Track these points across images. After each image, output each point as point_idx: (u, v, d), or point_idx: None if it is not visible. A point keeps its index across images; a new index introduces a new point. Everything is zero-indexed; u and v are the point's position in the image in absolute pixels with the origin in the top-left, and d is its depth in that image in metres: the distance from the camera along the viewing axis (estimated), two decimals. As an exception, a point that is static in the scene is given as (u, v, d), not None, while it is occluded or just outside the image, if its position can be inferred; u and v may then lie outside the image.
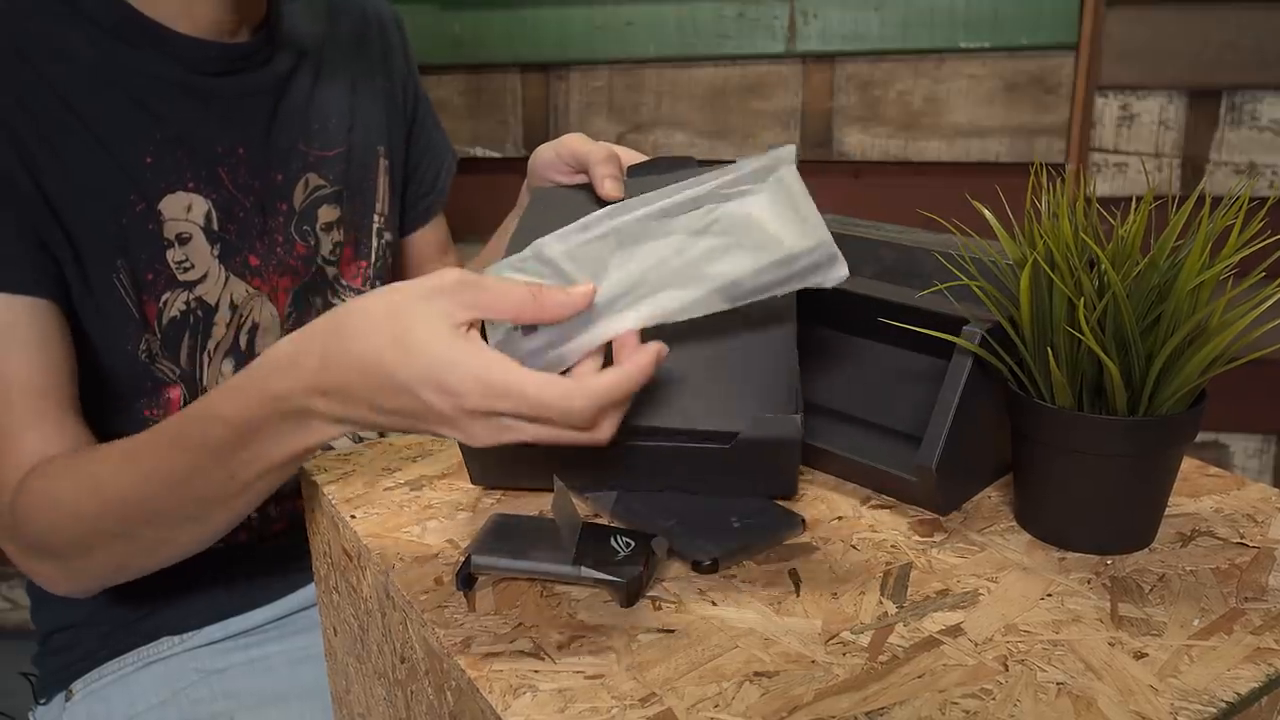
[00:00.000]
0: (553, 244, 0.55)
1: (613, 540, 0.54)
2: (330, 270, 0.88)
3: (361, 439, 0.91)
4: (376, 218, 0.92)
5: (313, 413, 0.55)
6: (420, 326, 0.49)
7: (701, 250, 0.54)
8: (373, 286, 0.93)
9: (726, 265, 0.54)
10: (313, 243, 0.86)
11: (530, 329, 0.53)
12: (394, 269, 0.97)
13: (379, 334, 0.50)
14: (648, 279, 0.54)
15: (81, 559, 0.68)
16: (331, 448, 0.88)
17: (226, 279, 0.80)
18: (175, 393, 0.79)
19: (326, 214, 0.86)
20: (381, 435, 0.92)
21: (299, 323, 0.87)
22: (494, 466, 0.63)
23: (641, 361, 0.50)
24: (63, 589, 0.73)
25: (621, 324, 0.53)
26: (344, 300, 0.90)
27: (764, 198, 0.55)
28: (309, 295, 0.87)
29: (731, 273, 0.53)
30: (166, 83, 0.76)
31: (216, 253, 0.79)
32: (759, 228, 0.54)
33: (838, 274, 0.53)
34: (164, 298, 0.77)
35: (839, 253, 0.53)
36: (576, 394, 0.48)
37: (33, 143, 0.70)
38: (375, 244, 0.92)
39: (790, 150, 0.56)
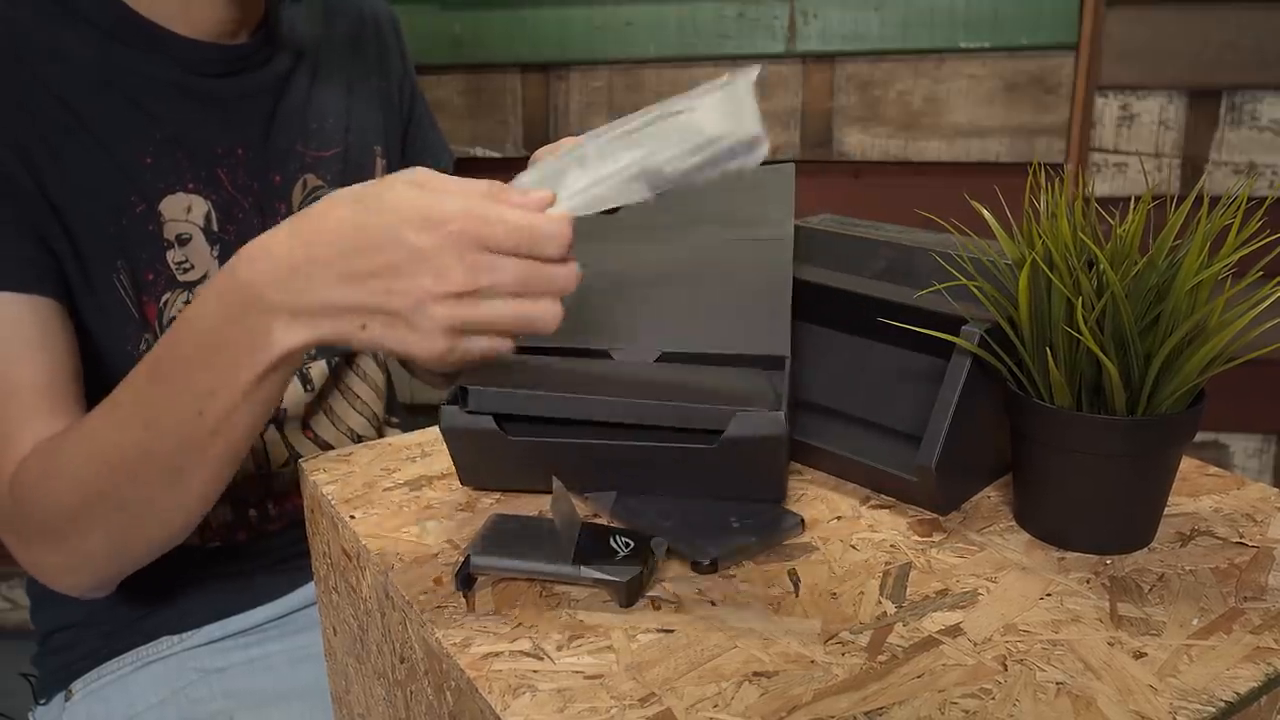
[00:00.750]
0: (522, 177, 0.54)
1: (612, 540, 0.54)
2: None
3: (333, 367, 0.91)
4: None
5: (270, 306, 0.52)
6: (389, 184, 0.51)
7: (630, 142, 0.53)
8: None
9: (646, 152, 0.52)
10: None
11: None
12: None
13: (349, 199, 0.51)
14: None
15: (81, 537, 0.66)
16: (330, 446, 0.88)
17: None
18: None
19: None
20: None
21: None
22: (484, 467, 0.63)
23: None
24: (68, 584, 0.71)
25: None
26: None
27: (708, 101, 0.54)
28: None
29: (651, 158, 0.52)
30: (165, 84, 0.76)
31: (216, 254, 0.79)
32: (693, 127, 0.53)
33: (757, 155, 0.51)
34: (164, 298, 0.77)
35: (762, 135, 0.51)
36: (560, 219, 0.50)
37: (32, 144, 0.70)
38: None
39: (752, 71, 0.55)
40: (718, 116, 0.52)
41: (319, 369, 0.88)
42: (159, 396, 0.59)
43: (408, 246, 0.49)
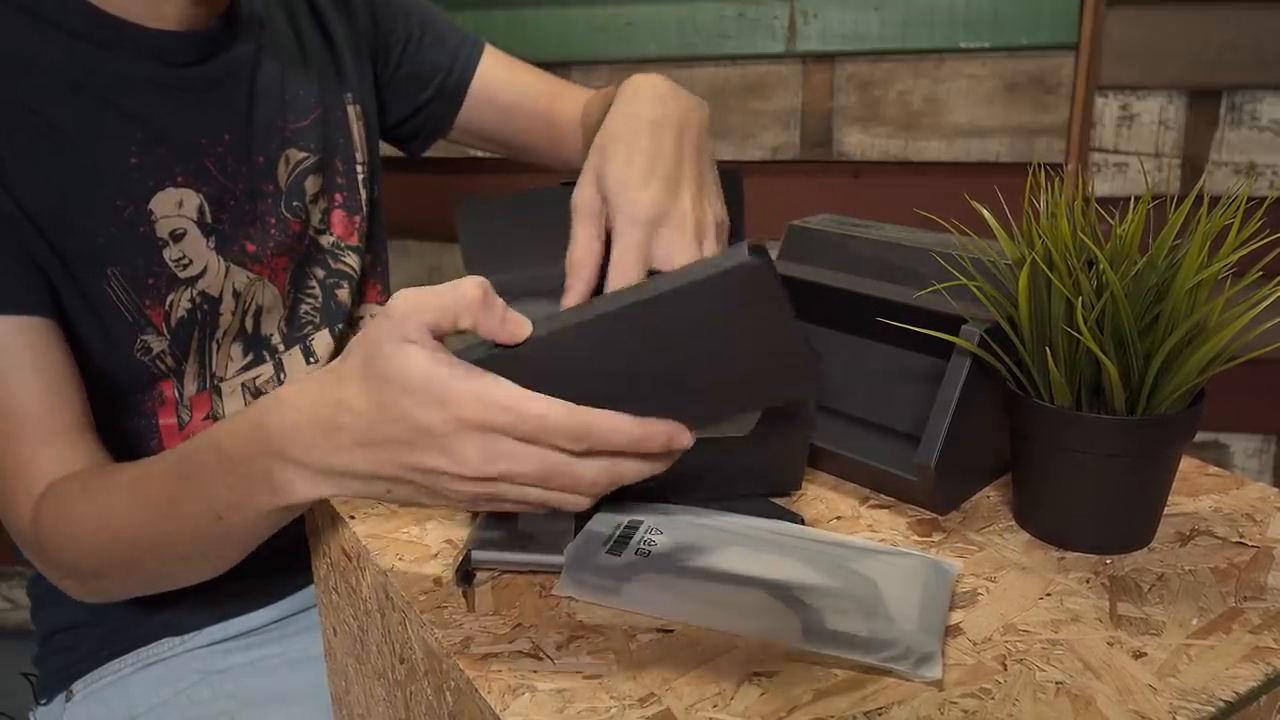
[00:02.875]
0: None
1: (611, 538, 0.54)
2: (324, 239, 0.88)
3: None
4: (360, 169, 0.91)
5: (290, 460, 0.51)
6: (397, 359, 0.46)
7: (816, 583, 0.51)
8: (367, 239, 0.92)
9: (824, 606, 0.50)
10: (304, 217, 0.85)
11: None
12: (376, 217, 0.95)
13: (367, 375, 0.48)
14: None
15: (95, 581, 0.70)
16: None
17: (227, 269, 0.80)
18: (168, 386, 0.79)
19: (312, 185, 0.86)
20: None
21: (298, 298, 0.87)
22: None
23: (655, 430, 0.46)
24: (89, 600, 0.75)
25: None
26: (341, 264, 0.90)
27: (905, 572, 0.52)
28: (305, 268, 0.87)
29: (828, 621, 0.48)
30: (138, 80, 0.75)
31: (212, 245, 0.79)
32: (878, 595, 0.50)
33: (926, 673, 0.46)
34: (169, 299, 0.77)
35: (936, 654, 0.46)
36: (578, 413, 0.45)
37: (9, 160, 0.69)
38: (364, 195, 0.91)
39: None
40: (903, 603, 0.49)
41: (323, 341, 0.87)
42: (182, 497, 0.60)
43: (417, 425, 0.46)
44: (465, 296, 0.46)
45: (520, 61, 1.03)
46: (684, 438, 0.47)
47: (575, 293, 0.61)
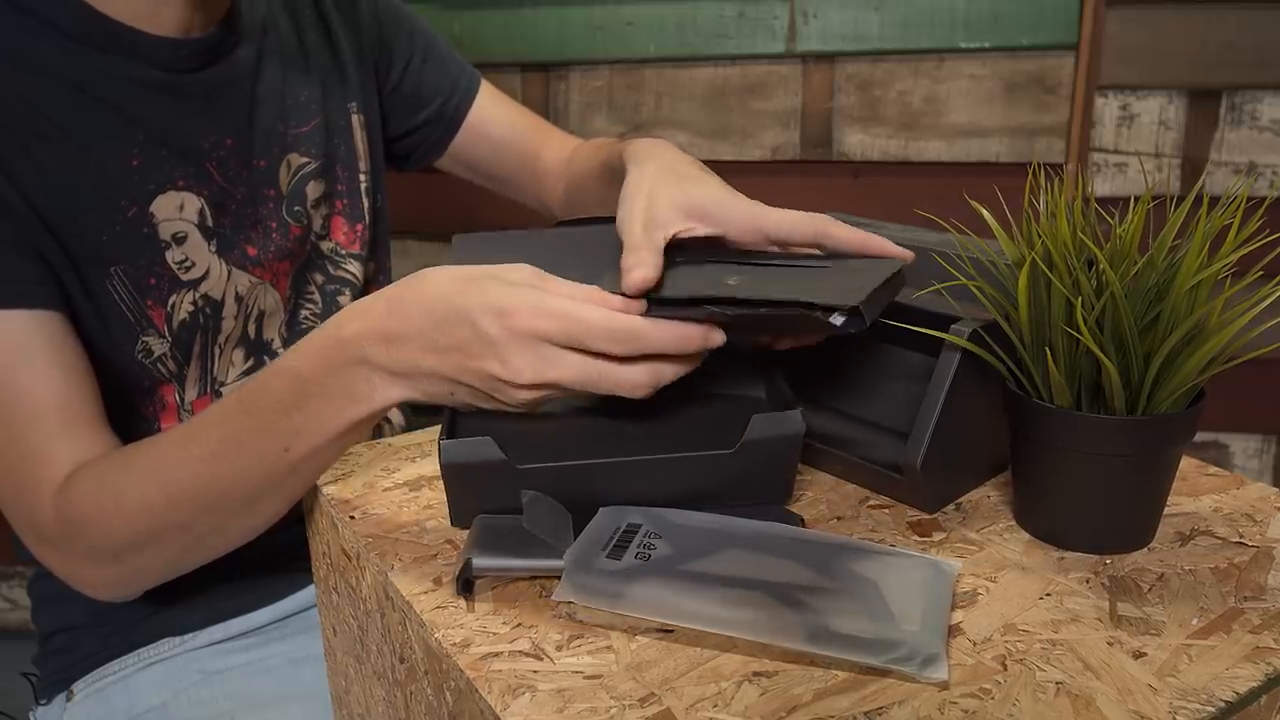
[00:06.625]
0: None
1: (611, 537, 0.54)
2: (325, 245, 0.89)
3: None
4: (363, 177, 0.91)
5: (371, 362, 0.56)
6: (489, 272, 0.54)
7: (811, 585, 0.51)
8: (370, 247, 0.93)
9: (826, 607, 0.49)
10: (306, 222, 0.86)
11: None
12: (380, 226, 0.95)
13: (445, 277, 0.55)
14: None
15: (139, 557, 0.68)
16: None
17: (229, 273, 0.80)
18: (170, 391, 0.79)
19: (314, 189, 0.86)
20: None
21: (299, 303, 0.87)
22: (484, 505, 0.59)
23: (692, 330, 0.53)
24: (106, 594, 0.73)
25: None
26: (343, 271, 0.90)
27: (906, 573, 0.52)
28: (306, 273, 0.88)
29: (831, 623, 0.48)
30: (140, 83, 0.75)
31: (214, 248, 0.79)
32: (879, 596, 0.50)
33: (932, 674, 0.46)
34: (171, 301, 0.77)
35: (941, 654, 0.46)
36: (619, 318, 0.52)
37: (15, 159, 0.69)
38: (366, 204, 0.92)
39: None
40: (906, 604, 0.50)
41: None
42: (247, 435, 0.61)
43: (475, 329, 0.52)
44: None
45: (513, 101, 1.04)
46: (717, 337, 0.54)
47: (648, 249, 0.58)
